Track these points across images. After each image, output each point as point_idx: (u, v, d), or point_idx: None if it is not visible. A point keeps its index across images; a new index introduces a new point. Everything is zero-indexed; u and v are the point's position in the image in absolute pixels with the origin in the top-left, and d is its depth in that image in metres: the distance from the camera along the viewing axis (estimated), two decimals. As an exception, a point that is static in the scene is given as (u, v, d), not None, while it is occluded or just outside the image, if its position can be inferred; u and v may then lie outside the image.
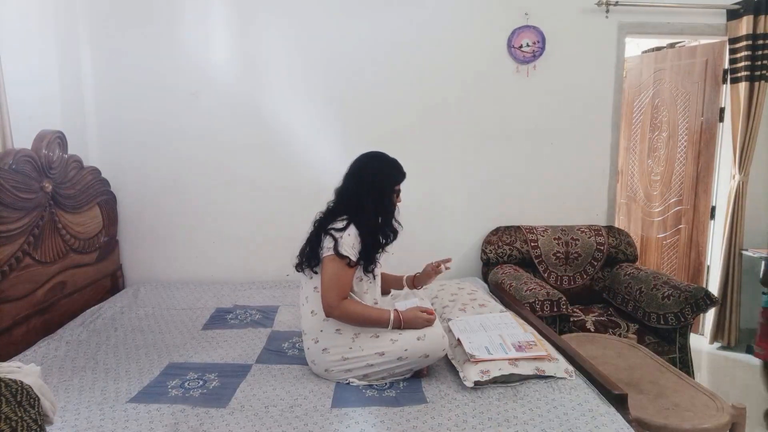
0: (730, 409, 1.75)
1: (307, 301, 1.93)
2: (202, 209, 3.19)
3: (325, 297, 1.83)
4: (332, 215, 1.93)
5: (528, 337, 1.96)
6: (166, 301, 2.82)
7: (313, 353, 1.91)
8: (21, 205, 2.23)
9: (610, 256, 3.20)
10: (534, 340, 1.95)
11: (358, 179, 1.95)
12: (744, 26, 3.16)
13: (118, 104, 3.08)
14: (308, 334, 1.92)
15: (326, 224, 1.90)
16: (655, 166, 3.87)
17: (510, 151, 3.29)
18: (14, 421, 1.10)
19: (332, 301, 1.82)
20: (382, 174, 1.97)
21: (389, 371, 1.85)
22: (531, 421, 1.56)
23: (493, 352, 1.85)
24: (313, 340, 1.90)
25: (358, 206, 1.91)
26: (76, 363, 2.05)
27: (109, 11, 3.01)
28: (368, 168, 1.98)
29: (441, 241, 3.28)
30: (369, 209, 1.90)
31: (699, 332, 3.59)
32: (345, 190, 1.97)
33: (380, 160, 2.01)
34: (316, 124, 3.17)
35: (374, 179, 1.94)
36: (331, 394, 1.78)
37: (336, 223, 1.89)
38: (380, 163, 2.00)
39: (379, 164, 1.99)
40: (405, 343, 1.82)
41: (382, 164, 1.99)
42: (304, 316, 1.94)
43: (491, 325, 2.07)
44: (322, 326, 1.89)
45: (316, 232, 1.93)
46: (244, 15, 3.07)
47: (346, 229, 1.86)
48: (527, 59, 3.18)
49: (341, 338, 1.87)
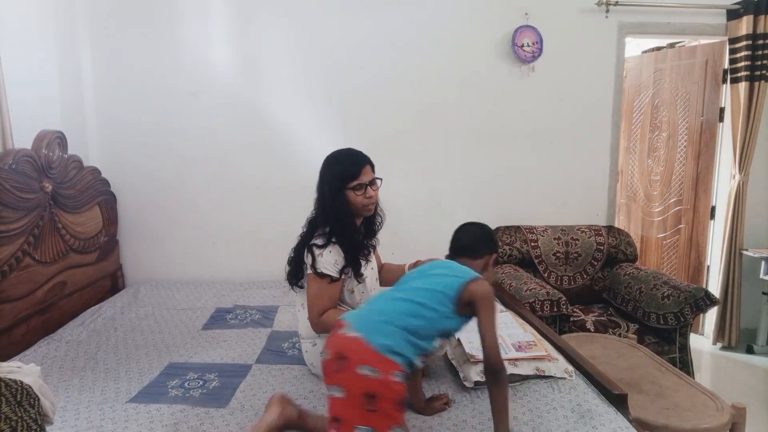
0: (730, 409, 1.75)
1: (303, 307, 1.91)
2: (202, 209, 3.19)
3: (309, 313, 1.82)
4: (312, 227, 1.87)
5: (528, 337, 1.96)
6: (166, 301, 2.82)
7: (311, 356, 1.91)
8: (21, 205, 2.23)
9: (610, 256, 3.20)
10: (534, 340, 1.95)
11: (319, 186, 1.88)
12: (744, 26, 3.16)
13: (118, 104, 3.08)
14: (305, 338, 1.93)
15: (308, 239, 1.85)
16: (655, 166, 3.87)
17: (510, 151, 3.29)
18: (14, 421, 1.11)
19: (314, 318, 1.80)
20: (324, 175, 1.86)
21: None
22: (531, 421, 1.56)
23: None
24: (311, 343, 1.91)
25: (323, 215, 1.84)
26: (76, 363, 2.05)
27: (109, 11, 3.01)
28: (321, 172, 1.88)
29: (441, 241, 3.25)
30: (330, 216, 1.81)
31: (699, 332, 3.59)
32: (316, 200, 1.90)
33: (326, 161, 1.89)
34: (316, 123, 3.17)
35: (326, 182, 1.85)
36: (331, 394, 1.78)
37: (317, 239, 1.82)
38: (323, 165, 1.89)
39: (324, 166, 1.88)
40: None
41: (324, 166, 1.88)
42: (301, 321, 1.94)
43: None
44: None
45: (298, 248, 1.88)
46: (244, 15, 3.07)
47: (326, 246, 1.80)
48: (527, 59, 3.18)
49: None
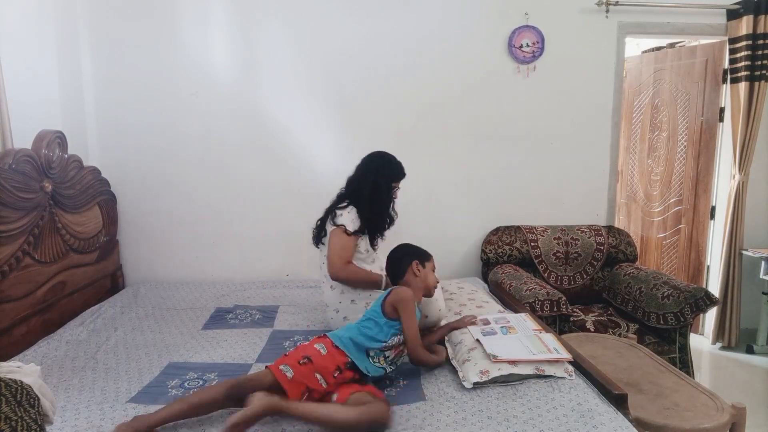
0: (730, 409, 1.75)
1: (327, 278, 2.28)
2: (202, 209, 3.19)
3: (330, 263, 2.21)
4: (339, 199, 2.32)
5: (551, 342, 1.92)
6: (166, 301, 2.82)
7: (336, 322, 2.24)
8: (21, 205, 2.23)
9: (610, 256, 3.20)
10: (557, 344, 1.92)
11: (362, 170, 2.33)
12: (744, 26, 3.16)
13: (118, 104, 3.08)
14: (330, 306, 2.30)
15: (333, 207, 2.29)
16: (655, 166, 3.87)
17: (510, 151, 3.29)
18: (14, 421, 1.11)
19: (336, 266, 2.19)
20: (382, 169, 2.31)
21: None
22: (530, 420, 1.56)
23: (515, 354, 1.83)
24: (334, 310, 2.27)
25: (357, 192, 2.28)
26: (76, 363, 2.05)
27: (109, 11, 3.01)
28: (372, 162, 2.33)
29: (441, 241, 3.28)
30: (366, 196, 2.26)
31: (699, 332, 3.59)
32: (351, 179, 2.35)
33: (383, 157, 2.35)
34: (315, 124, 3.17)
35: (374, 172, 2.29)
36: (330, 393, 1.78)
37: (339, 205, 2.28)
38: (382, 159, 2.34)
39: (380, 160, 2.34)
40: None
41: (383, 161, 2.34)
42: (325, 291, 2.32)
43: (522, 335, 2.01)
44: (340, 298, 2.26)
45: (325, 214, 2.31)
46: (244, 15, 3.07)
47: (346, 208, 2.26)
48: (527, 59, 3.18)
49: (356, 307, 2.23)
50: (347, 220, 2.22)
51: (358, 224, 2.24)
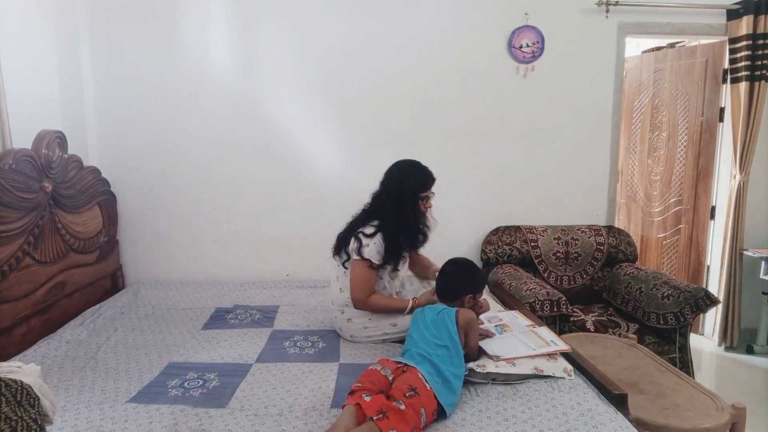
0: (730, 409, 1.75)
1: (337, 280, 2.25)
2: (202, 209, 3.19)
3: (353, 294, 2.15)
4: (366, 217, 2.19)
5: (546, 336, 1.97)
6: (166, 301, 2.82)
7: (339, 322, 2.24)
8: (21, 205, 2.23)
9: (610, 256, 3.20)
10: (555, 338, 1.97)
11: (385, 185, 2.19)
12: (744, 26, 3.16)
13: (118, 104, 3.08)
14: (336, 305, 2.26)
15: (358, 226, 2.17)
16: (655, 166, 3.87)
17: (510, 151, 3.29)
18: (14, 421, 1.10)
19: (360, 298, 2.14)
20: (406, 181, 2.15)
21: (402, 337, 2.09)
22: (530, 420, 1.56)
23: (517, 352, 1.85)
24: (339, 310, 2.24)
25: (382, 211, 2.15)
26: (76, 363, 2.05)
27: (109, 11, 3.01)
28: (392, 176, 2.19)
29: (441, 241, 3.27)
30: (390, 214, 2.13)
31: (699, 332, 3.59)
32: (376, 195, 2.22)
33: (401, 168, 2.20)
34: (316, 124, 3.17)
35: (395, 186, 2.15)
36: (331, 394, 1.77)
37: (366, 228, 2.15)
38: (400, 171, 2.18)
39: (398, 172, 2.18)
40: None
41: (402, 172, 2.18)
42: (334, 290, 2.27)
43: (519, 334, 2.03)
44: (347, 302, 2.22)
45: (347, 231, 2.20)
46: (244, 15, 3.07)
47: (373, 237, 2.12)
48: (527, 59, 3.18)
49: (361, 311, 2.20)
50: (373, 252, 2.10)
51: (383, 253, 2.12)
